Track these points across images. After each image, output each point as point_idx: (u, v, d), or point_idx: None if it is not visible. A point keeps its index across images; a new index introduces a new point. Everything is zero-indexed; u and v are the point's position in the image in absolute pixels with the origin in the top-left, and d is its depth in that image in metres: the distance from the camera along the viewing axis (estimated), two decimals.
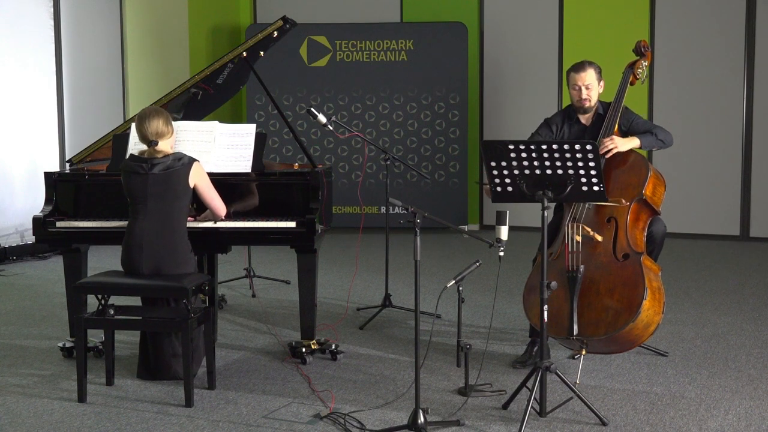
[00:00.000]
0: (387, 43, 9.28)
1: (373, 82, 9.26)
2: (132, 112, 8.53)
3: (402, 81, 9.27)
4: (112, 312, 4.08)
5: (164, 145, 4.29)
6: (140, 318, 4.24)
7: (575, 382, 4.13)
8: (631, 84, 4.64)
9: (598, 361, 4.52)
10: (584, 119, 4.65)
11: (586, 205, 4.32)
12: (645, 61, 4.68)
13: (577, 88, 4.56)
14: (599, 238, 4.24)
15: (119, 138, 4.80)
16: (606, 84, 4.69)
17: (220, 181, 4.49)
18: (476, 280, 6.40)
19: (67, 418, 3.80)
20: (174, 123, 4.39)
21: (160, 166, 4.21)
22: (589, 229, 4.24)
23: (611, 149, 4.36)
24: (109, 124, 7.04)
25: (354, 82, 9.29)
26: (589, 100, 4.56)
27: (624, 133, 4.56)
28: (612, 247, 4.22)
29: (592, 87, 4.54)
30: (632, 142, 4.43)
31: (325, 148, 9.30)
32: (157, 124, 4.28)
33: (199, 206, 4.49)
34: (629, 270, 4.12)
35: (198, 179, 4.29)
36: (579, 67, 4.57)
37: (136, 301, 4.46)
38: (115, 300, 4.15)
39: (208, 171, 4.43)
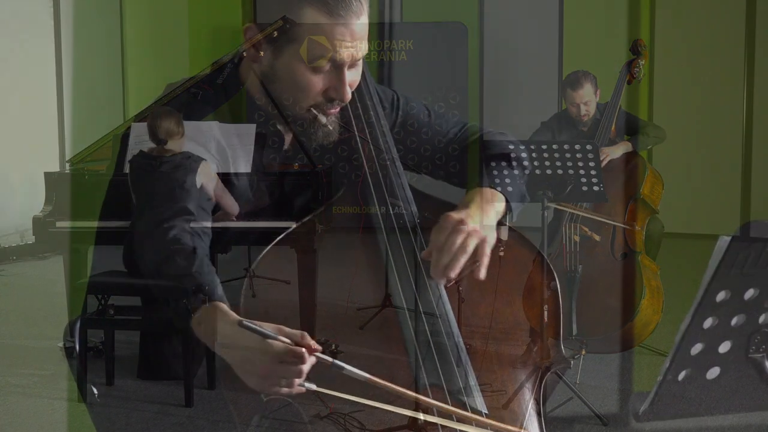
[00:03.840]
0: (387, 43, 9.28)
1: None
2: (132, 112, 8.52)
3: (402, 81, 9.25)
4: (112, 312, 4.08)
5: (174, 145, 4.29)
6: (140, 318, 4.24)
7: (575, 382, 4.13)
8: (629, 83, 4.63)
9: (598, 361, 4.52)
10: (582, 127, 4.64)
11: (584, 205, 4.32)
12: (642, 60, 4.68)
13: (575, 105, 4.53)
14: (597, 237, 4.24)
15: (119, 138, 4.80)
16: (603, 84, 4.68)
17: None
18: (476, 280, 6.39)
19: (67, 418, 3.79)
20: None
21: (168, 164, 4.22)
22: (586, 229, 4.24)
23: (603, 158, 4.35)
24: (109, 124, 7.02)
25: None
26: (588, 115, 4.54)
27: (618, 129, 4.57)
28: (610, 247, 4.22)
29: (590, 102, 4.52)
30: (624, 147, 4.41)
31: (325, 148, 9.29)
32: (168, 124, 4.29)
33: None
34: (627, 269, 4.12)
35: (205, 178, 4.29)
36: (575, 83, 4.51)
37: (136, 301, 4.46)
38: (115, 300, 4.16)
39: None
